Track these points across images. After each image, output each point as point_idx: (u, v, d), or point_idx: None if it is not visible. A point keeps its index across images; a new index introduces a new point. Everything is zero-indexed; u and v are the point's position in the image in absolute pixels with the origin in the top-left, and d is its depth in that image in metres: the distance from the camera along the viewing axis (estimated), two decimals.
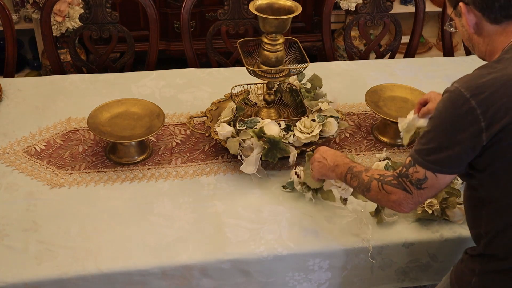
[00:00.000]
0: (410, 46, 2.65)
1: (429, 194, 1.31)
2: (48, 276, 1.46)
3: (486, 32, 1.31)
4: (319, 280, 1.63)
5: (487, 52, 1.34)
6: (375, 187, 1.37)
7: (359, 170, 1.44)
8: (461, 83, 1.23)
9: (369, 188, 1.39)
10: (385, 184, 1.35)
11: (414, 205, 1.34)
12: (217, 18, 2.44)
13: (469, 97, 1.20)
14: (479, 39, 1.33)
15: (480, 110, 1.19)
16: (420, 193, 1.30)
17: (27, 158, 1.82)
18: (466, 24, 1.32)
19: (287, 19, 1.70)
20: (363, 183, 1.41)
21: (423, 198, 1.32)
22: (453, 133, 1.23)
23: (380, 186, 1.36)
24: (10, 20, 2.29)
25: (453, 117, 1.22)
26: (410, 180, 1.30)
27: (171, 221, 1.62)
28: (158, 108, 1.88)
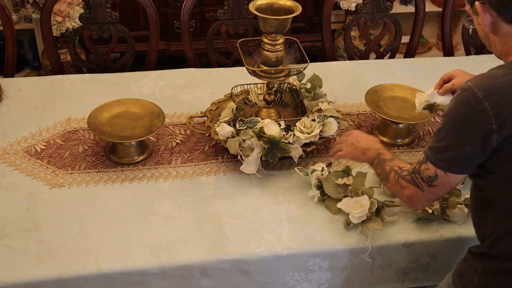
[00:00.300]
0: (410, 46, 2.65)
1: (440, 192, 1.32)
2: (48, 276, 1.46)
3: (502, 32, 1.29)
4: (319, 280, 1.63)
5: (503, 52, 1.33)
6: (392, 179, 1.40)
7: (385, 158, 1.47)
8: (475, 83, 1.22)
9: (388, 178, 1.43)
10: (400, 178, 1.38)
11: (426, 202, 1.36)
12: (217, 18, 2.44)
13: (482, 98, 1.19)
14: (495, 38, 1.32)
15: (492, 112, 1.18)
16: (431, 191, 1.32)
17: (27, 158, 1.82)
18: (482, 23, 1.31)
19: (287, 19, 1.70)
20: (384, 172, 1.44)
21: (434, 195, 1.33)
22: (463, 133, 1.23)
23: (396, 179, 1.39)
24: (10, 20, 2.29)
25: (465, 116, 1.22)
26: (421, 177, 1.32)
27: (171, 221, 1.62)
28: (158, 108, 1.88)
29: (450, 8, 2.60)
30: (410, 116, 1.94)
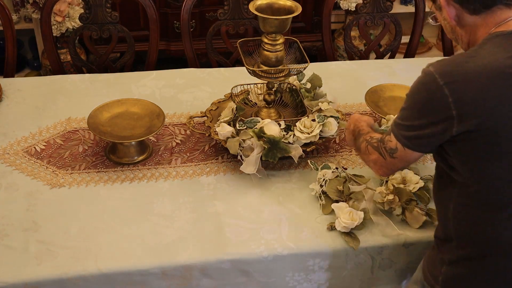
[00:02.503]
0: (410, 46, 2.66)
1: (399, 164, 1.37)
2: (48, 276, 1.46)
3: (467, 24, 1.31)
4: (319, 280, 1.63)
5: (470, 43, 1.34)
6: (363, 147, 1.47)
7: (362, 133, 1.54)
8: (437, 68, 1.23)
9: (360, 148, 1.50)
10: (369, 145, 1.44)
11: (388, 170, 1.40)
12: (217, 18, 2.44)
13: (442, 84, 1.20)
14: (461, 30, 1.34)
15: (452, 99, 1.19)
16: (392, 162, 1.36)
17: (27, 158, 1.82)
18: (448, 16, 1.33)
19: (287, 19, 1.70)
20: (358, 144, 1.52)
21: (394, 166, 1.38)
22: (423, 115, 1.25)
23: (366, 146, 1.46)
24: (10, 20, 2.29)
25: (425, 100, 1.24)
26: (385, 146, 1.37)
27: (171, 221, 1.62)
28: (158, 108, 1.88)
29: None
30: None
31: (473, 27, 1.31)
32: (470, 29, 1.32)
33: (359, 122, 1.60)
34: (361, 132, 1.55)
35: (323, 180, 1.69)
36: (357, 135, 1.56)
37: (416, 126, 1.27)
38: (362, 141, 1.49)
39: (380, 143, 1.39)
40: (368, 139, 1.46)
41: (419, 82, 1.27)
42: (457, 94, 1.19)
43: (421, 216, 1.61)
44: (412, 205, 1.62)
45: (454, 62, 1.24)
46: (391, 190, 1.64)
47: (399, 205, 1.62)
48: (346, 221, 1.56)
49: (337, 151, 1.92)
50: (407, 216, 1.63)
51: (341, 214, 1.58)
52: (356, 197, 1.64)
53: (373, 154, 1.42)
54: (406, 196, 1.62)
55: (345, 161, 1.87)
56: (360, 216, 1.58)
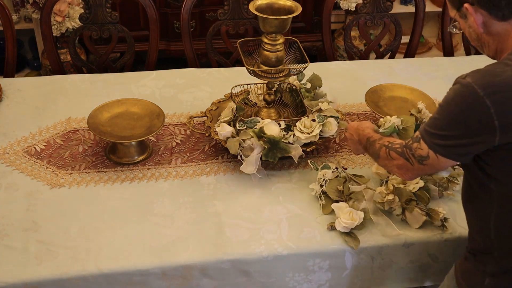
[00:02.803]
0: (410, 46, 2.65)
1: (429, 171, 1.36)
2: (48, 276, 1.46)
3: (495, 30, 1.29)
4: (319, 280, 1.63)
5: (498, 50, 1.32)
6: (383, 153, 1.45)
7: (374, 139, 1.52)
8: (475, 79, 1.21)
9: (379, 154, 1.47)
10: (391, 150, 1.42)
11: (414, 175, 1.40)
12: (217, 18, 2.44)
13: (483, 95, 1.18)
14: (488, 38, 1.31)
15: (494, 109, 1.17)
16: (421, 168, 1.35)
17: (27, 158, 1.82)
18: (474, 24, 1.30)
19: (287, 19, 1.70)
20: (374, 151, 1.49)
21: (422, 172, 1.37)
22: (463, 126, 1.23)
23: (387, 152, 1.43)
24: (10, 20, 2.29)
25: (464, 112, 1.21)
26: (413, 153, 1.34)
27: (171, 221, 1.62)
28: (158, 108, 1.88)
29: None
30: None
31: (502, 34, 1.28)
32: (498, 36, 1.29)
33: (362, 130, 1.60)
34: (371, 139, 1.53)
35: (323, 180, 1.69)
36: (368, 143, 1.54)
37: (454, 136, 1.25)
38: (380, 147, 1.47)
39: (406, 149, 1.36)
40: (387, 144, 1.44)
41: (457, 94, 1.24)
42: (499, 105, 1.18)
43: (421, 216, 1.61)
44: (412, 205, 1.62)
45: (491, 72, 1.22)
46: (391, 190, 1.64)
47: (399, 205, 1.62)
48: (346, 221, 1.56)
49: (337, 151, 1.92)
50: (407, 216, 1.63)
51: (341, 214, 1.58)
52: (356, 197, 1.64)
53: (397, 160, 1.39)
54: (406, 196, 1.62)
55: (345, 161, 1.87)
56: (360, 216, 1.58)
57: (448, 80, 2.29)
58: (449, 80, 2.38)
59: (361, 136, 1.59)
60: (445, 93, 1.30)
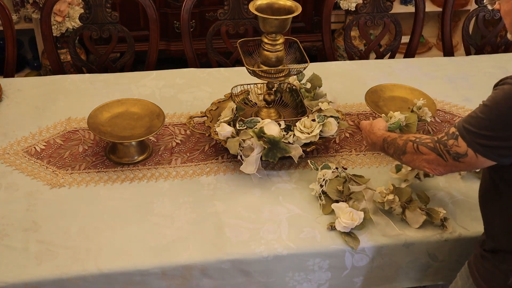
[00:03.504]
0: (410, 46, 2.66)
1: (463, 168, 1.33)
2: (48, 276, 1.46)
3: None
4: (319, 280, 1.63)
5: None
6: (410, 148, 1.41)
7: (393, 137, 1.50)
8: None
9: (405, 150, 1.43)
10: (420, 145, 1.38)
11: (446, 171, 1.36)
12: (217, 18, 2.44)
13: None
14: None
15: None
16: (455, 164, 1.32)
17: (27, 158, 1.82)
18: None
19: (287, 19, 1.70)
20: (398, 147, 1.45)
21: (456, 169, 1.34)
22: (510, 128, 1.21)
23: (415, 147, 1.39)
24: (10, 20, 2.29)
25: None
26: (447, 150, 1.31)
27: (171, 221, 1.62)
28: (158, 108, 1.88)
29: (450, 8, 2.60)
30: None
31: None
32: None
33: (374, 134, 1.57)
34: (389, 139, 1.52)
35: (323, 180, 1.69)
36: (386, 143, 1.52)
37: (500, 137, 1.23)
38: (405, 142, 1.43)
39: (439, 144, 1.34)
40: (414, 139, 1.41)
41: (506, 94, 1.22)
42: None
43: (421, 216, 1.61)
44: (412, 205, 1.62)
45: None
46: (391, 190, 1.64)
47: (399, 204, 1.62)
48: (346, 221, 1.56)
49: (337, 151, 1.92)
50: (407, 216, 1.63)
51: (341, 214, 1.58)
52: (356, 197, 1.64)
53: (428, 154, 1.37)
54: (406, 196, 1.62)
55: (345, 161, 1.87)
56: (360, 216, 1.58)
57: (448, 80, 2.30)
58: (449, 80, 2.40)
59: (375, 139, 1.57)
60: (445, 93, 1.29)
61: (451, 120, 2.07)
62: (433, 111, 1.95)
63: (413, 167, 1.55)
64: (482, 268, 1.40)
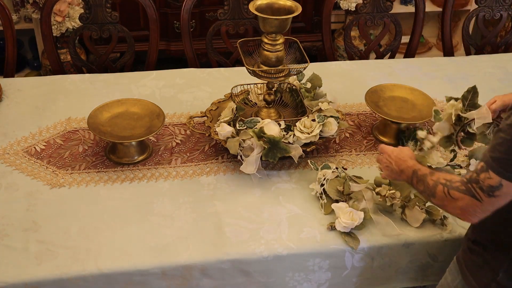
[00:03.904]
0: (410, 46, 2.66)
1: (500, 202, 1.23)
2: (48, 276, 1.46)
3: None
4: (319, 280, 1.63)
5: None
6: (440, 192, 1.31)
7: (423, 173, 1.40)
8: None
9: (434, 193, 1.33)
10: (451, 189, 1.28)
11: (482, 213, 1.25)
12: (217, 18, 2.44)
13: None
14: None
15: None
16: (491, 201, 1.23)
17: (27, 158, 1.82)
18: None
19: (287, 19, 1.70)
20: (428, 188, 1.36)
21: (493, 206, 1.24)
22: None
23: (446, 191, 1.30)
24: (10, 20, 2.29)
25: None
26: (480, 186, 1.22)
27: (171, 221, 1.62)
28: (158, 108, 1.88)
29: (450, 8, 2.60)
30: (410, 116, 1.95)
31: None
32: None
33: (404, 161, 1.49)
34: (419, 173, 1.42)
35: (324, 180, 1.69)
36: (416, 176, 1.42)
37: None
38: (435, 184, 1.33)
39: (471, 184, 1.24)
40: (444, 182, 1.31)
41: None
42: None
43: (421, 214, 1.61)
44: (412, 203, 1.62)
45: None
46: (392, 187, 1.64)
47: (400, 200, 1.62)
48: (346, 221, 1.56)
49: (337, 151, 1.92)
50: (407, 215, 1.63)
51: (341, 214, 1.58)
52: (356, 197, 1.64)
53: (460, 200, 1.26)
54: (407, 191, 1.62)
55: (345, 161, 1.87)
56: (360, 216, 1.58)
57: (448, 80, 2.30)
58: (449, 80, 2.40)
59: (404, 167, 1.48)
60: (445, 93, 1.29)
61: None
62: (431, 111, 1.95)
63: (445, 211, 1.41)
64: (471, 263, 1.40)
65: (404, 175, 1.48)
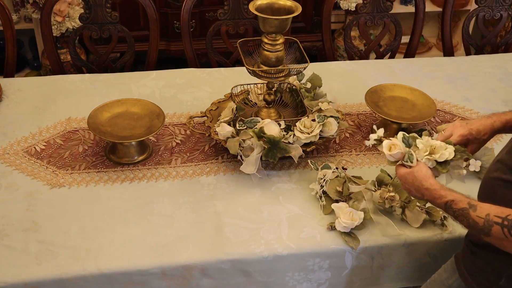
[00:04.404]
0: (410, 46, 2.65)
1: None
2: (48, 276, 1.46)
3: None
4: (319, 280, 1.63)
5: None
6: (498, 233, 1.20)
7: (462, 207, 1.28)
8: None
9: (489, 233, 1.22)
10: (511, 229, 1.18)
11: None
12: (217, 18, 2.44)
13: None
14: None
15: None
16: None
17: (27, 158, 1.82)
18: None
19: (287, 19, 1.70)
20: (477, 227, 1.24)
21: None
22: None
23: (506, 232, 1.19)
24: (10, 20, 2.29)
25: None
26: None
27: (171, 221, 1.62)
28: (158, 108, 1.88)
29: (450, 8, 2.60)
30: (410, 116, 1.95)
31: None
32: None
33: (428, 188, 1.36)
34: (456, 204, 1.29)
35: (323, 180, 1.69)
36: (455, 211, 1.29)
37: None
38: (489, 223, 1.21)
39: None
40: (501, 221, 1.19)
41: None
42: None
43: (421, 215, 1.61)
44: (412, 204, 1.62)
45: None
46: (391, 189, 1.64)
47: (399, 202, 1.62)
48: (346, 221, 1.56)
49: (337, 151, 1.92)
50: (407, 215, 1.63)
51: (341, 214, 1.58)
52: (356, 197, 1.64)
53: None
54: (406, 194, 1.62)
55: (345, 161, 1.87)
56: (360, 216, 1.58)
57: (448, 80, 2.30)
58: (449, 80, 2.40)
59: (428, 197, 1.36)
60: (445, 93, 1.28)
61: (451, 120, 2.07)
62: (433, 111, 1.95)
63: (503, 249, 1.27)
64: (472, 264, 1.38)
65: (435, 204, 1.37)
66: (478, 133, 1.54)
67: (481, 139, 1.55)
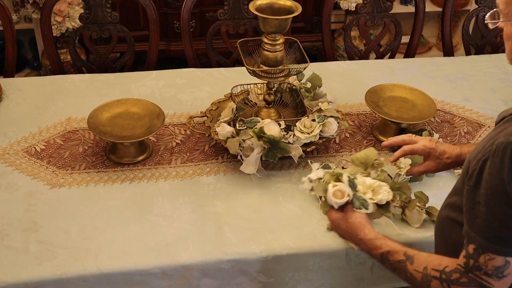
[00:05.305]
0: (410, 46, 2.66)
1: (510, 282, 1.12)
2: (48, 276, 1.46)
3: None
4: (319, 280, 1.63)
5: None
6: None
7: (398, 259, 1.23)
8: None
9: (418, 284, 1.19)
10: (453, 285, 1.14)
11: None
12: (217, 18, 2.44)
13: None
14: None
15: None
16: (503, 282, 1.10)
17: (27, 158, 1.82)
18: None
19: (287, 19, 1.70)
20: (415, 281, 1.19)
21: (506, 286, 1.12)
22: None
23: (446, 287, 1.15)
24: (10, 20, 2.29)
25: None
26: (485, 272, 1.10)
27: (171, 221, 1.62)
28: (158, 108, 1.88)
29: (450, 8, 2.60)
30: (410, 116, 1.95)
31: None
32: None
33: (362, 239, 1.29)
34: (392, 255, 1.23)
35: None
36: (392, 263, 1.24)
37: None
38: (427, 278, 1.16)
39: (473, 273, 1.10)
40: (438, 275, 1.15)
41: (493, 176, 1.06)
42: None
43: (421, 214, 1.61)
44: (412, 204, 1.61)
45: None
46: None
47: (399, 202, 1.62)
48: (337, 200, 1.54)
49: (337, 151, 1.92)
50: (407, 215, 1.63)
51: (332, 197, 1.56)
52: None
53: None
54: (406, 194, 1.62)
55: (345, 161, 1.87)
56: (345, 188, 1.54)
57: (448, 80, 2.30)
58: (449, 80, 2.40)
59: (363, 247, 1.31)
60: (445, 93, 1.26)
61: (451, 120, 2.07)
62: (433, 111, 1.95)
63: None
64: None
65: (371, 255, 1.31)
66: (442, 153, 1.53)
67: (442, 161, 1.54)
